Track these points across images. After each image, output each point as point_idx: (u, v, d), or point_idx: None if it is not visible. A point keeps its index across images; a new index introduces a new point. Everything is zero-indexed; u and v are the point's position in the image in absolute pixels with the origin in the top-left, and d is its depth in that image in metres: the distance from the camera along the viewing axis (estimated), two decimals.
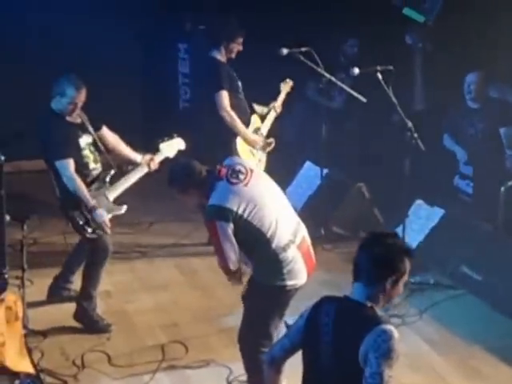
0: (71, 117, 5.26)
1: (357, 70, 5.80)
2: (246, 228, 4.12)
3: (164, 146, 5.65)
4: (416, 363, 4.95)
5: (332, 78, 6.47)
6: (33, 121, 5.31)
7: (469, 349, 5.19)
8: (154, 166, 5.55)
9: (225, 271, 4.28)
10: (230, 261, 4.17)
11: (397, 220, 6.27)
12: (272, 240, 4.14)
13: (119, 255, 6.37)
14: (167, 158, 5.65)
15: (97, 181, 5.33)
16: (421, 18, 7.44)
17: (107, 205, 5.29)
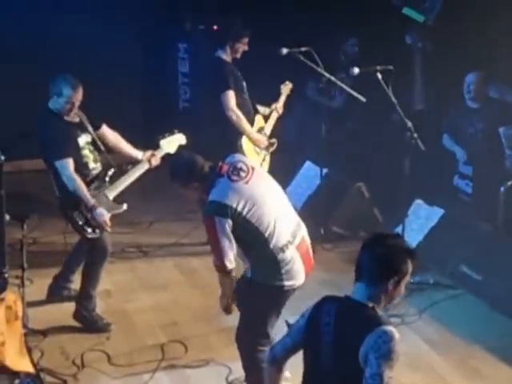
0: (69, 116, 5.26)
1: (356, 70, 5.79)
2: (245, 226, 4.10)
3: (164, 143, 5.62)
4: (415, 363, 4.95)
5: (332, 78, 6.47)
6: (33, 121, 5.31)
7: (468, 348, 5.19)
8: (156, 162, 5.52)
9: (219, 269, 4.22)
10: (227, 258, 4.12)
11: (396, 220, 6.28)
12: (270, 240, 4.13)
13: (119, 254, 6.40)
14: (168, 154, 5.60)
15: (96, 180, 5.32)
16: (420, 18, 7.44)
17: (107, 203, 5.28)
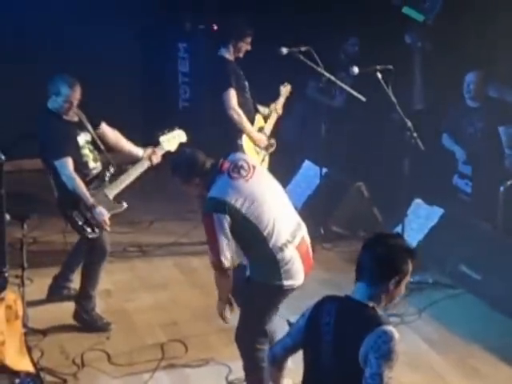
0: (68, 115, 5.26)
1: (356, 70, 5.80)
2: (244, 224, 4.10)
3: (164, 139, 5.57)
4: (415, 362, 4.95)
5: (332, 77, 6.47)
6: (32, 121, 5.31)
7: (468, 348, 5.20)
8: (157, 160, 5.49)
9: (216, 267, 4.20)
10: (223, 255, 4.11)
11: (396, 219, 6.27)
12: (269, 238, 4.12)
13: (119, 254, 6.40)
14: (169, 152, 5.56)
15: (96, 179, 5.32)
16: (420, 18, 7.44)
17: (107, 203, 5.27)
